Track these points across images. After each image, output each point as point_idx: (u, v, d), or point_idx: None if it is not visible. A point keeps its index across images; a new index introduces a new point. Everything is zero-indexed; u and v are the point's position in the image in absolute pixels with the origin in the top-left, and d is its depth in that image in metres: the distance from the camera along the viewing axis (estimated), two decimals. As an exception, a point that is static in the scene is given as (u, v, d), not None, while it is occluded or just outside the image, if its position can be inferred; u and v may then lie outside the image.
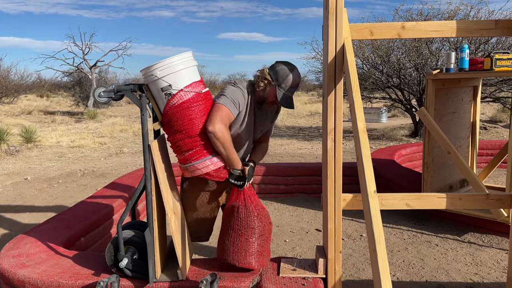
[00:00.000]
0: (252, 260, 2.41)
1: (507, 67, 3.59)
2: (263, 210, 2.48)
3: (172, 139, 2.39)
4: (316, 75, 12.30)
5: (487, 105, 14.17)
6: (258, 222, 2.42)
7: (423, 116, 3.87)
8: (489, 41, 8.89)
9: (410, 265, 3.32)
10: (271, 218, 2.59)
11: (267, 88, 2.48)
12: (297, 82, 2.47)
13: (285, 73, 2.44)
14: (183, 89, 2.30)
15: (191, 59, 2.39)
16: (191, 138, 2.34)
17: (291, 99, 2.49)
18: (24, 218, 4.73)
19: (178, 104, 2.30)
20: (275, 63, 2.51)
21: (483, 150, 6.59)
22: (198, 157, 2.36)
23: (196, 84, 2.36)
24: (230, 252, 2.42)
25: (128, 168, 7.39)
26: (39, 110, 20.84)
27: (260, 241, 2.44)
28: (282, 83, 2.44)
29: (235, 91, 2.46)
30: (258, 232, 2.42)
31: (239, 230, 2.41)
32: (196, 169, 2.39)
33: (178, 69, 2.29)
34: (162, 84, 2.29)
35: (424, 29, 2.44)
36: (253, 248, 2.40)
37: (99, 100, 2.41)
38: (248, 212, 2.41)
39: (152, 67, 2.28)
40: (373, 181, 1.95)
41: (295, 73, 2.46)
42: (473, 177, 3.70)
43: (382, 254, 1.74)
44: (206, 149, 2.37)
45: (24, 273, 2.45)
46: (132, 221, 2.66)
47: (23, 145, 9.93)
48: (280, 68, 2.46)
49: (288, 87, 2.45)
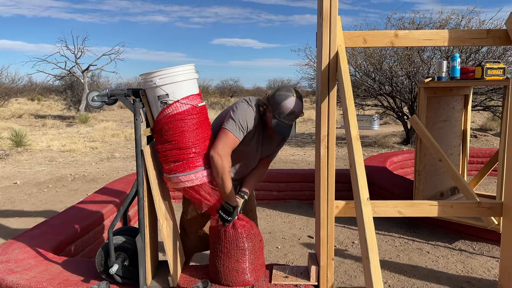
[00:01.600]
0: (245, 277, 2.37)
1: (498, 76, 3.64)
2: (252, 229, 2.43)
3: (161, 148, 2.35)
4: (309, 81, 12.37)
5: (477, 113, 14.33)
6: (247, 242, 2.37)
7: (415, 124, 3.90)
8: (480, 50, 9.00)
9: (401, 272, 3.32)
10: (260, 230, 2.55)
11: (266, 113, 2.45)
12: (292, 110, 2.36)
13: (280, 100, 2.36)
14: (180, 100, 2.28)
15: (193, 72, 2.37)
16: (179, 150, 2.30)
17: (286, 127, 2.41)
18: (13, 223, 4.66)
19: (172, 115, 2.28)
20: (277, 88, 2.46)
21: (473, 158, 6.65)
22: (183, 170, 2.31)
23: (194, 97, 2.34)
24: (222, 274, 2.38)
25: (120, 173, 7.34)
26: (30, 113, 20.67)
27: (252, 259, 2.40)
28: (275, 110, 2.38)
29: (246, 111, 2.39)
30: (249, 252, 2.38)
31: (228, 252, 2.36)
32: (180, 181, 2.33)
33: (178, 79, 2.28)
34: (160, 92, 2.27)
35: (416, 37, 2.46)
36: (244, 267, 2.37)
37: (93, 104, 2.39)
38: (237, 233, 2.36)
39: (152, 74, 2.27)
40: (366, 188, 1.96)
41: (289, 101, 2.35)
42: (464, 185, 3.73)
43: (374, 262, 1.74)
44: (193, 163, 2.32)
45: (12, 279, 2.41)
46: (124, 227, 2.63)
47: (13, 149, 9.82)
48: (278, 94, 2.39)
49: (282, 115, 2.37)
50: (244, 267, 2.37)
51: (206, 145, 2.37)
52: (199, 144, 2.34)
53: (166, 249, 2.33)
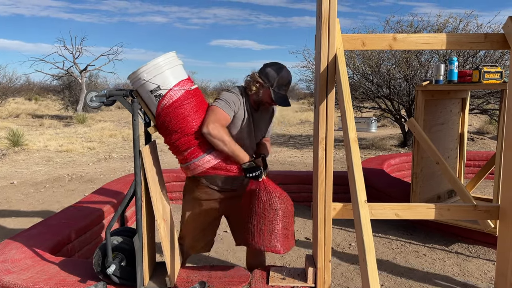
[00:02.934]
0: (277, 243, 2.35)
1: (495, 80, 3.65)
2: (283, 193, 2.45)
3: (169, 140, 2.39)
4: (307, 83, 12.38)
5: (474, 116, 14.36)
6: (280, 203, 2.37)
7: (413, 127, 3.91)
8: (477, 54, 9.04)
9: (398, 275, 3.33)
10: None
11: (260, 90, 2.52)
12: (288, 79, 2.53)
13: (275, 73, 2.49)
14: (172, 88, 2.32)
15: (175, 59, 2.40)
16: (187, 136, 2.34)
17: (286, 97, 2.54)
18: (10, 223, 4.65)
19: (170, 104, 2.30)
20: (263, 65, 2.56)
21: (470, 161, 6.67)
22: (197, 155, 2.37)
23: (184, 82, 2.37)
24: (254, 236, 2.35)
25: (117, 174, 7.32)
26: (27, 113, 20.60)
27: (284, 222, 2.39)
28: (274, 83, 2.48)
29: (230, 95, 2.48)
30: (282, 213, 2.37)
31: (262, 212, 2.35)
32: (197, 166, 2.39)
33: (163, 69, 2.31)
34: (151, 86, 2.30)
35: (415, 41, 2.47)
36: (277, 230, 2.35)
37: (91, 105, 2.40)
38: (269, 193, 2.37)
39: (138, 71, 2.29)
40: (364, 190, 1.96)
41: (284, 71, 2.52)
42: (461, 188, 3.74)
43: (372, 264, 1.74)
44: (204, 145, 2.37)
45: (9, 280, 2.41)
46: (121, 227, 2.63)
47: (10, 149, 9.79)
48: (269, 69, 2.51)
49: (281, 86, 2.50)
50: (277, 232, 2.35)
51: None
52: None
53: (163, 250, 2.33)
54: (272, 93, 2.48)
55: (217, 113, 2.38)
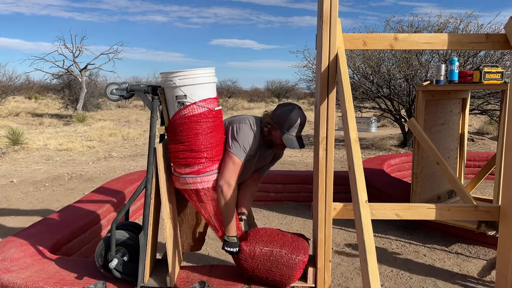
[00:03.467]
0: (292, 257, 2.38)
1: (496, 80, 3.65)
2: (258, 240, 2.43)
3: (174, 148, 2.37)
4: (307, 83, 12.36)
5: (474, 117, 14.36)
6: (266, 248, 2.39)
7: (413, 127, 3.91)
8: (478, 54, 9.03)
9: (398, 275, 3.33)
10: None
11: (272, 132, 2.48)
12: (299, 121, 2.44)
13: (285, 115, 2.43)
14: (197, 102, 2.30)
15: (213, 76, 2.39)
16: (191, 153, 2.32)
17: (297, 139, 2.47)
18: (9, 222, 4.64)
19: (188, 116, 2.29)
20: (277, 106, 2.52)
21: (470, 162, 6.67)
22: (191, 173, 2.35)
23: (211, 100, 2.36)
24: (283, 276, 2.37)
25: (117, 173, 7.32)
26: (27, 112, 20.57)
27: (281, 245, 2.41)
28: (283, 126, 2.43)
29: (249, 135, 2.43)
30: (273, 246, 2.40)
31: (265, 266, 2.37)
32: (187, 183, 2.37)
33: (197, 82, 2.29)
34: (178, 93, 2.28)
35: (416, 40, 2.46)
36: (283, 254, 2.38)
37: (110, 97, 2.39)
38: (253, 252, 2.38)
39: (173, 74, 2.28)
40: (365, 190, 1.96)
41: (295, 113, 2.44)
42: (461, 188, 3.73)
43: (372, 264, 1.74)
44: (201, 168, 2.35)
45: (8, 278, 2.40)
46: (125, 222, 2.63)
47: (10, 147, 9.78)
48: (280, 111, 2.46)
49: (291, 127, 2.43)
50: (283, 254, 2.37)
51: (217, 150, 2.38)
52: (211, 149, 2.35)
53: (167, 248, 2.34)
54: (281, 134, 2.44)
55: (236, 164, 2.36)
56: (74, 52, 21.64)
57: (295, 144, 2.46)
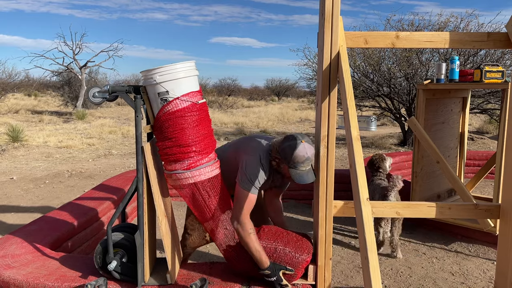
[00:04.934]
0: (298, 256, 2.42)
1: (496, 79, 3.65)
2: (270, 237, 2.47)
3: (162, 145, 2.36)
4: (307, 81, 12.37)
5: (474, 116, 14.37)
6: (278, 245, 2.42)
7: (413, 126, 3.91)
8: (478, 53, 9.03)
9: (398, 273, 3.34)
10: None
11: (280, 165, 2.42)
12: (304, 157, 2.31)
13: (290, 152, 2.32)
14: (180, 97, 2.28)
15: (193, 69, 2.36)
16: (180, 148, 2.30)
17: (306, 173, 2.36)
18: (9, 219, 4.65)
19: (172, 112, 2.27)
20: (283, 139, 2.42)
21: (470, 161, 6.67)
22: (182, 168, 2.34)
23: (194, 94, 2.34)
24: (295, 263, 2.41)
25: (117, 170, 7.32)
26: (27, 109, 20.57)
27: (286, 245, 2.44)
28: (290, 162, 2.34)
29: (259, 172, 2.37)
30: (284, 246, 2.44)
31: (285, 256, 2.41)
32: (179, 179, 2.36)
33: (178, 76, 2.27)
34: (160, 89, 2.27)
35: (417, 39, 2.46)
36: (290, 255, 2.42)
37: (93, 101, 2.38)
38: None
39: (153, 71, 2.26)
40: (366, 188, 1.96)
41: (299, 149, 2.31)
42: (461, 187, 3.74)
43: (373, 262, 1.74)
44: (192, 162, 2.33)
45: (9, 275, 2.41)
46: (122, 224, 2.63)
47: (10, 144, 9.78)
48: (285, 146, 2.35)
49: (298, 163, 2.33)
50: (286, 252, 2.41)
51: (206, 143, 2.37)
52: (199, 142, 2.33)
53: (164, 246, 2.33)
54: (290, 170, 2.37)
55: (248, 201, 2.34)
56: (74, 49, 21.61)
57: (304, 180, 2.35)
